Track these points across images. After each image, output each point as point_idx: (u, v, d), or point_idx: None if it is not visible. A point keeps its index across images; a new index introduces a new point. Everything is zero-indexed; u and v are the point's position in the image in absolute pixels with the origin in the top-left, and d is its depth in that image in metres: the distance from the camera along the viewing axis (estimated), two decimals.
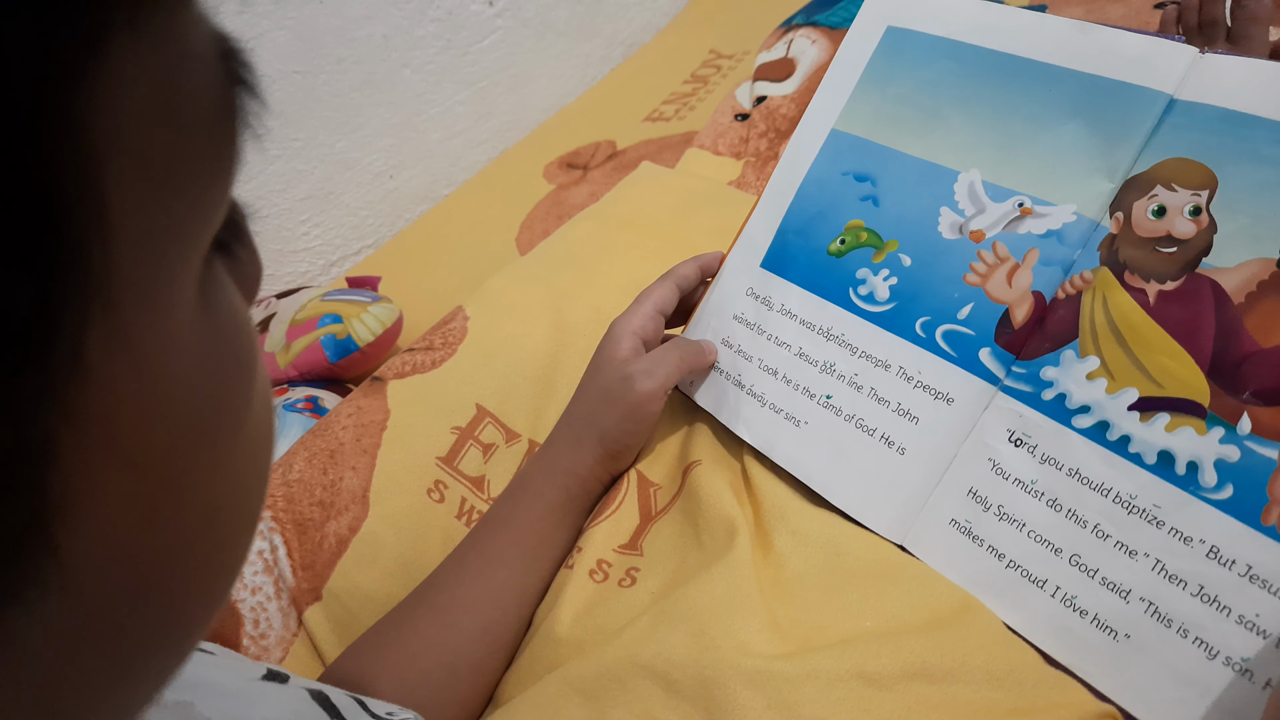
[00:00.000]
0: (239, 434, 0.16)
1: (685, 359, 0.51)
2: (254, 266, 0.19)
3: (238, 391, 0.15)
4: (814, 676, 0.38)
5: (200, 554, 0.15)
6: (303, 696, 0.31)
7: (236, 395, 0.15)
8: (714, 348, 0.53)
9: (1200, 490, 0.37)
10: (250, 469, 0.16)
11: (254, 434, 0.16)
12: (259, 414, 0.17)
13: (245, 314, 0.17)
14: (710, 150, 0.88)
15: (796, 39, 0.92)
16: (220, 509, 0.15)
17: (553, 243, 0.75)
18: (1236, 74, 0.39)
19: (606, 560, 0.48)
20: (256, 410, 0.16)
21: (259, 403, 0.17)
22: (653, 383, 0.49)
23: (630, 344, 0.51)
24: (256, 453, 0.17)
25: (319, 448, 0.58)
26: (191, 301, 0.14)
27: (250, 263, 0.18)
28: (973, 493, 0.43)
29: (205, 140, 0.14)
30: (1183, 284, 0.39)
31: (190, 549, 0.15)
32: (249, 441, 0.16)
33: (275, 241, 1.08)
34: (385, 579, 0.53)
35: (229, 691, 0.29)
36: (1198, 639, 0.36)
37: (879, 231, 0.49)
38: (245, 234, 0.18)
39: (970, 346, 0.44)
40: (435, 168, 1.21)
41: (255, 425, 0.16)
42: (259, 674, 0.31)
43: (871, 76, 0.51)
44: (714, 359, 0.53)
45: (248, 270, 0.18)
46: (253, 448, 0.16)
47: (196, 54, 0.14)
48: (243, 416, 0.16)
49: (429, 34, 1.14)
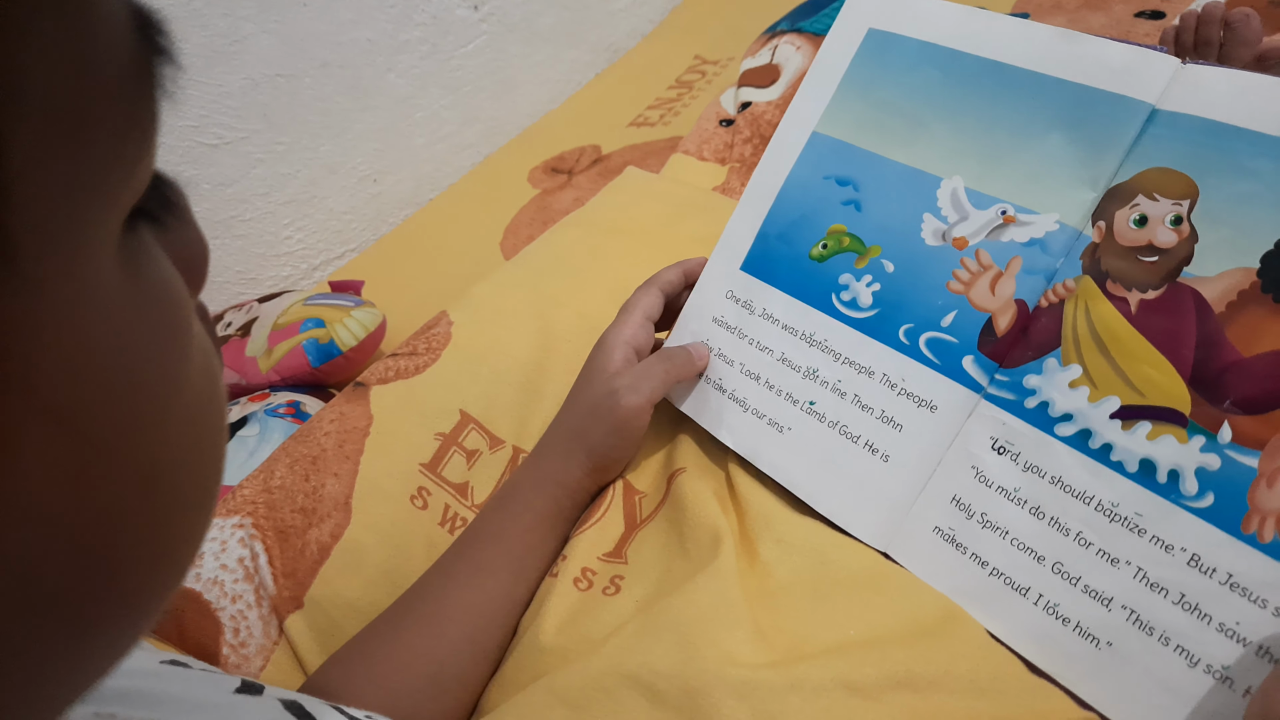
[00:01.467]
0: (173, 402, 0.16)
1: (672, 370, 0.51)
2: (196, 246, 0.19)
3: (169, 358, 0.16)
4: (799, 686, 0.38)
5: (139, 523, 0.15)
6: (276, 707, 0.30)
7: (168, 361, 0.15)
8: (705, 353, 0.52)
9: (1181, 498, 0.37)
10: (190, 441, 0.16)
11: (192, 405, 0.16)
12: (197, 386, 0.17)
13: (178, 286, 0.17)
14: (695, 156, 0.88)
15: (781, 45, 0.92)
16: (157, 478, 0.15)
17: (538, 248, 0.75)
18: (1218, 85, 0.40)
19: (591, 568, 0.48)
20: (194, 382, 0.16)
21: (197, 376, 0.17)
22: (638, 398, 0.49)
23: (622, 354, 0.51)
24: (197, 425, 0.17)
25: (301, 454, 0.57)
26: (113, 261, 0.14)
27: (191, 242, 0.19)
28: (956, 500, 0.43)
29: (117, 96, 0.14)
30: (1164, 293, 0.39)
31: (126, 517, 0.15)
32: (186, 411, 0.16)
33: (258, 245, 1.07)
34: (368, 587, 0.52)
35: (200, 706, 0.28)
36: (1179, 647, 0.36)
37: (861, 237, 0.49)
38: (182, 210, 0.18)
39: (953, 354, 0.44)
40: (420, 172, 1.21)
41: (193, 396, 0.16)
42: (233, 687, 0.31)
43: (853, 79, 0.51)
44: (704, 365, 0.52)
45: (189, 249, 0.18)
46: (191, 419, 0.16)
47: (106, 13, 0.14)
48: (177, 384, 0.16)
49: (414, 38, 1.14)
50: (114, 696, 0.26)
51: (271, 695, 0.31)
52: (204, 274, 0.19)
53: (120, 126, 0.14)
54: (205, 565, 0.52)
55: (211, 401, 0.17)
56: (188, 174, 0.98)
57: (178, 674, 0.30)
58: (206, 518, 0.18)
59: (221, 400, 0.18)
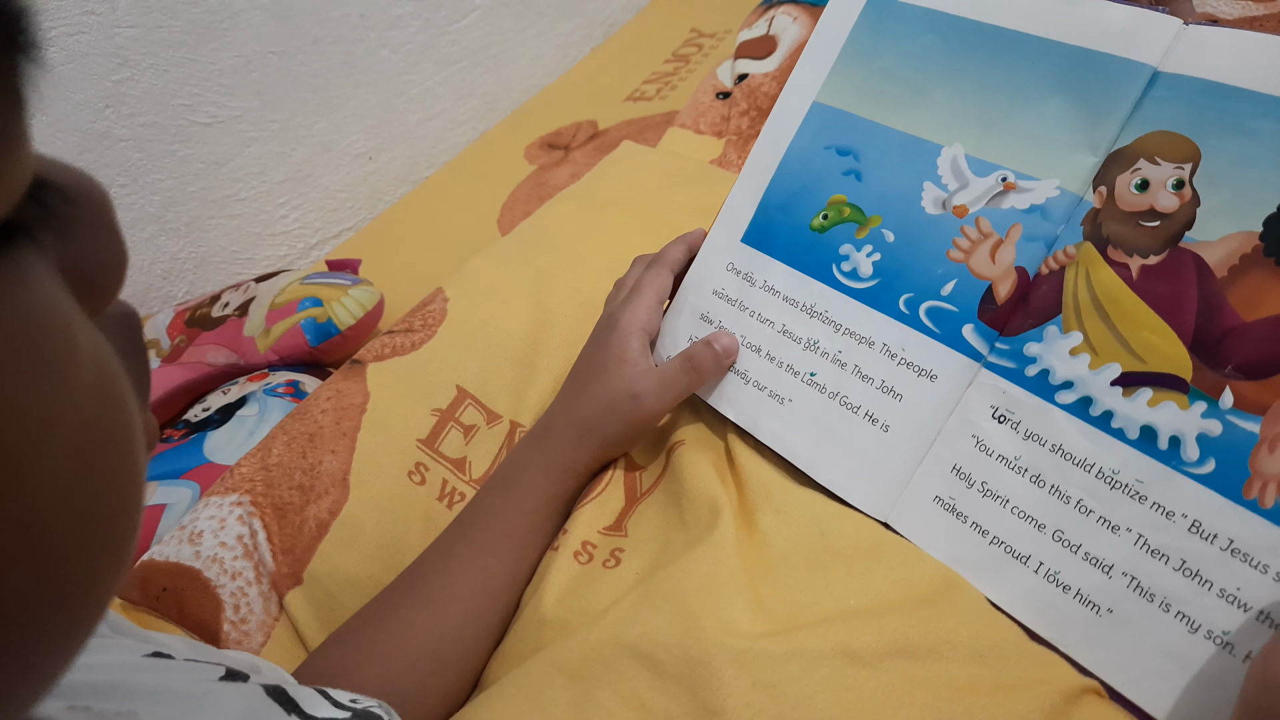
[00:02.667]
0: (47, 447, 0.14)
1: (696, 382, 0.49)
2: (104, 255, 0.17)
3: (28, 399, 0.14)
4: (798, 655, 0.38)
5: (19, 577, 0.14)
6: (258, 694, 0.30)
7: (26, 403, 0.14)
8: (732, 350, 0.50)
9: (1182, 465, 0.37)
10: (67, 483, 0.14)
11: (72, 444, 0.14)
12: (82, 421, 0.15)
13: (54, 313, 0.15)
14: (692, 129, 0.87)
15: (778, 16, 0.91)
16: (30, 532, 0.14)
17: (533, 223, 0.75)
18: (1221, 45, 0.39)
19: (591, 542, 0.48)
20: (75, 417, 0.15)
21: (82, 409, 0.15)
22: (660, 405, 0.49)
23: (639, 343, 0.51)
24: (83, 464, 0.15)
25: (298, 431, 0.57)
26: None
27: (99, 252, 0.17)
28: (956, 469, 0.43)
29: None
30: (1165, 258, 0.39)
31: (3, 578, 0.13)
32: (65, 456, 0.14)
33: (254, 225, 1.07)
34: (366, 562, 0.52)
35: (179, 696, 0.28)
36: (1180, 613, 0.36)
37: (862, 207, 0.48)
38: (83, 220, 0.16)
39: (953, 323, 0.44)
40: (415, 149, 1.20)
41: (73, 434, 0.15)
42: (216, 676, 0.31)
43: (854, 49, 0.50)
44: (730, 363, 0.50)
45: (95, 259, 0.17)
46: (73, 458, 0.14)
47: None
48: (43, 426, 0.14)
49: (407, 13, 1.12)
50: (90, 690, 0.26)
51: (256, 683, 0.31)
52: (114, 286, 0.18)
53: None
54: (205, 543, 0.52)
55: (107, 434, 0.16)
56: (181, 153, 0.97)
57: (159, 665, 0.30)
58: (114, 567, 0.16)
59: (126, 428, 0.16)
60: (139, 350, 0.19)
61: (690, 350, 0.50)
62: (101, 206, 0.18)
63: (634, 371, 0.50)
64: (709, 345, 0.50)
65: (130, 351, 0.19)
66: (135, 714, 0.24)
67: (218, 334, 0.84)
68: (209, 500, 0.54)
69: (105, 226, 0.17)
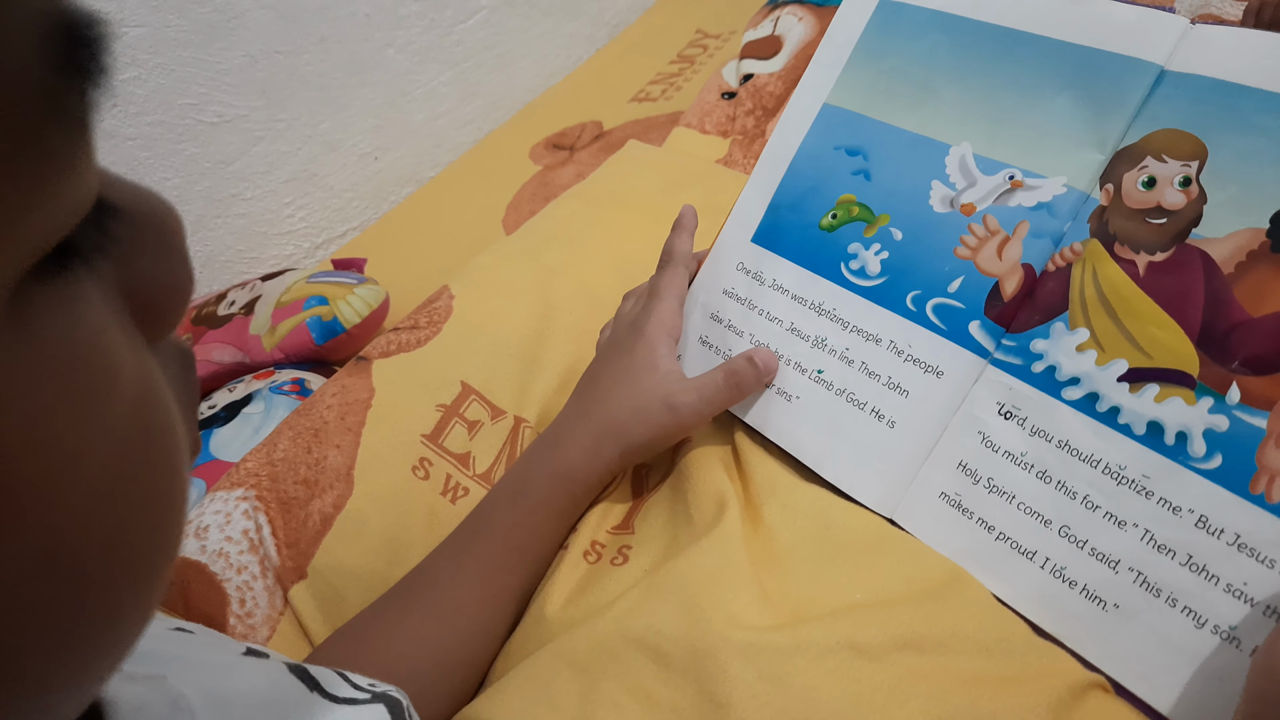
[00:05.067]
0: (75, 474, 0.14)
1: (736, 396, 0.47)
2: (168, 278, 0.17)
3: (63, 428, 0.13)
4: (804, 648, 0.38)
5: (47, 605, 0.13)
6: (280, 669, 0.30)
7: (61, 432, 0.13)
8: (773, 366, 0.48)
9: (1189, 460, 0.37)
10: (104, 512, 0.14)
11: (106, 472, 0.14)
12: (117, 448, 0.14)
13: (101, 338, 0.14)
14: (697, 129, 0.87)
15: (783, 16, 0.91)
16: (62, 558, 0.14)
17: (539, 221, 0.75)
18: (1226, 43, 0.39)
19: (600, 541, 0.48)
20: (111, 446, 0.14)
21: (120, 436, 0.14)
22: (699, 419, 0.47)
23: (667, 349, 0.49)
24: (117, 492, 0.14)
25: (303, 426, 0.57)
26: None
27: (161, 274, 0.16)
28: (962, 465, 0.43)
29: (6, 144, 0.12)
30: (1172, 255, 0.39)
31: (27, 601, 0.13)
32: (95, 483, 0.14)
33: (259, 224, 1.07)
34: (369, 556, 0.52)
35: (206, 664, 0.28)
36: (1186, 608, 0.36)
37: (870, 206, 0.48)
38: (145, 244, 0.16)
39: (960, 319, 0.44)
40: (420, 149, 1.20)
41: (107, 462, 0.14)
42: (239, 651, 0.31)
43: (864, 50, 0.51)
44: (770, 380, 0.49)
45: (153, 285, 0.16)
46: (97, 488, 0.14)
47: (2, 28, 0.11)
48: (68, 453, 0.13)
49: (413, 13, 1.13)
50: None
51: (277, 659, 0.32)
52: (177, 309, 0.17)
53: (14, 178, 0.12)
54: (210, 537, 0.52)
55: (144, 462, 0.15)
56: (188, 152, 0.98)
57: (184, 638, 0.30)
58: (149, 591, 0.16)
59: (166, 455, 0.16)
60: (192, 387, 0.19)
61: (733, 365, 0.48)
62: (168, 229, 0.17)
63: (667, 379, 0.48)
64: (751, 362, 0.47)
65: (182, 384, 0.18)
66: (165, 677, 0.25)
67: (224, 332, 0.84)
68: (215, 495, 0.55)
69: (170, 250, 0.17)
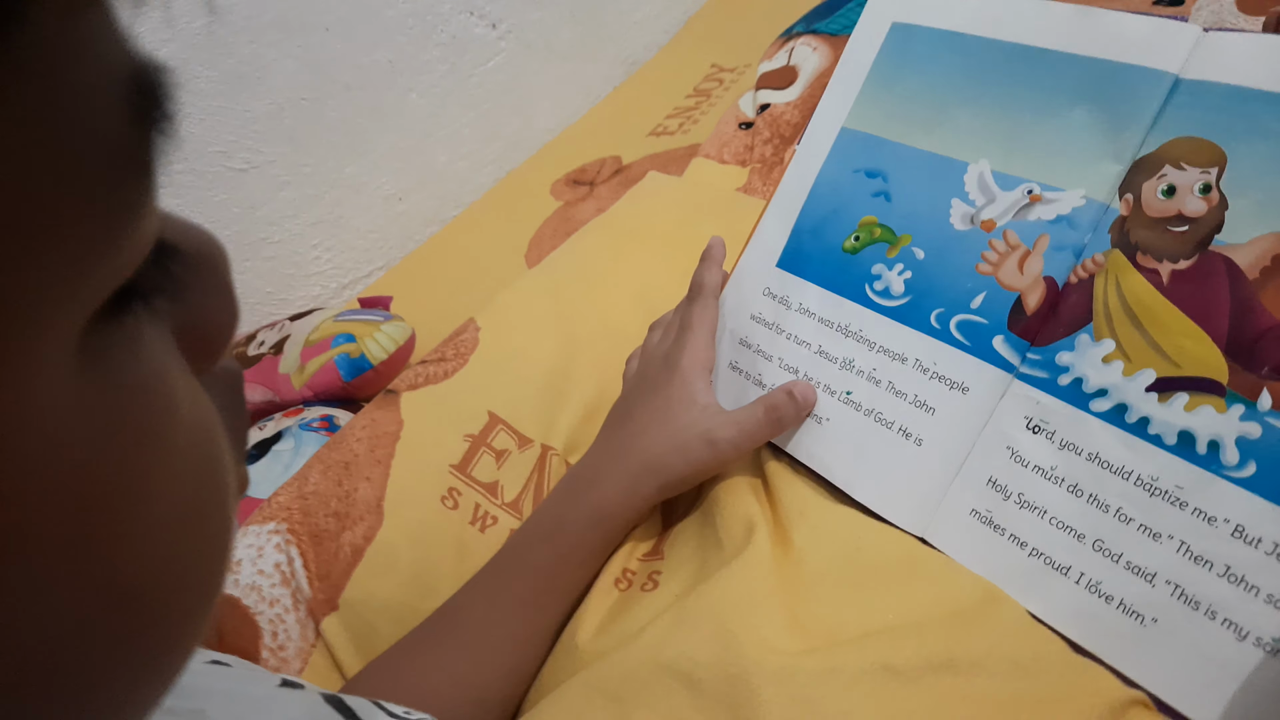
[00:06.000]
0: (146, 512, 0.14)
1: (777, 431, 0.47)
2: (218, 315, 0.17)
3: (124, 475, 0.13)
4: (838, 671, 0.37)
5: (111, 640, 0.14)
6: (317, 700, 0.30)
7: (131, 473, 0.13)
8: (811, 400, 0.48)
9: (1222, 469, 0.37)
10: (167, 547, 0.14)
11: (171, 511, 0.14)
12: (180, 488, 0.15)
13: (163, 378, 0.14)
14: (716, 159, 0.88)
15: (798, 47, 0.93)
16: (123, 597, 0.14)
17: (561, 254, 0.76)
18: (1241, 50, 0.39)
19: (631, 569, 0.48)
20: (174, 486, 0.14)
21: (180, 476, 0.15)
22: (738, 453, 0.47)
23: (704, 383, 0.49)
24: (176, 530, 0.15)
25: (333, 460, 0.58)
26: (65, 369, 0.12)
27: (209, 313, 0.17)
28: (992, 482, 0.43)
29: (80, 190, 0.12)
30: (1196, 262, 0.39)
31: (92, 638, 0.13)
32: (160, 519, 0.14)
33: (287, 266, 1.09)
34: (400, 587, 0.52)
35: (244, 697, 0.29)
36: (1226, 620, 0.35)
37: (892, 227, 0.49)
38: (199, 282, 0.16)
39: (984, 335, 0.44)
40: (443, 190, 1.22)
41: (172, 502, 0.14)
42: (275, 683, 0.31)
43: (879, 74, 0.51)
44: (809, 413, 0.48)
45: (203, 322, 0.17)
46: (168, 526, 0.14)
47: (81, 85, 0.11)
48: (143, 495, 0.14)
49: (434, 58, 1.15)
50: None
51: (313, 690, 0.32)
52: (225, 344, 0.18)
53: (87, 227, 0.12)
54: (243, 571, 0.53)
55: (203, 497, 0.16)
56: (218, 198, 1.00)
57: (221, 671, 0.31)
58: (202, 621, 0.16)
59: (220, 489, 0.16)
60: (240, 407, 0.19)
61: (772, 400, 0.47)
62: (219, 267, 0.17)
63: (706, 414, 0.48)
64: (791, 396, 0.47)
65: (231, 408, 0.18)
66: (204, 712, 0.25)
67: (253, 372, 0.86)
68: (247, 529, 0.55)
69: (221, 288, 0.17)
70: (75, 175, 0.11)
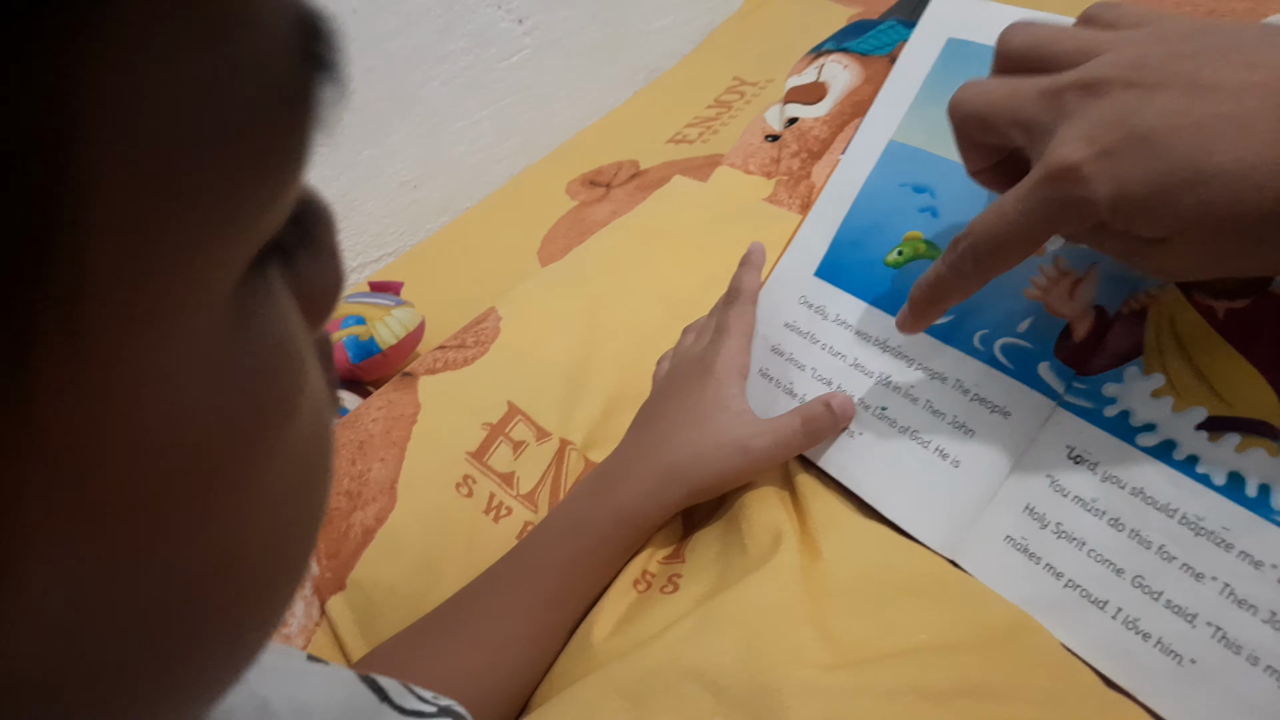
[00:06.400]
0: (259, 482, 0.13)
1: (810, 443, 0.46)
2: (328, 278, 0.16)
3: (260, 436, 0.13)
4: (870, 689, 0.36)
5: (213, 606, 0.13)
6: (351, 678, 0.29)
7: (257, 440, 0.13)
8: (849, 412, 0.47)
9: (1272, 513, 0.36)
10: (275, 515, 0.14)
11: (286, 483, 0.14)
12: (297, 459, 0.14)
13: (297, 341, 0.14)
14: (741, 169, 0.87)
15: (828, 64, 0.92)
16: (233, 562, 0.13)
17: (586, 250, 0.75)
18: None
19: (650, 571, 0.47)
20: (293, 456, 0.14)
21: (299, 446, 0.14)
22: (772, 462, 0.46)
23: (738, 388, 0.48)
24: (291, 504, 0.14)
25: (348, 439, 0.56)
26: (218, 324, 0.12)
27: (322, 274, 0.16)
28: (1029, 509, 0.42)
29: (257, 134, 0.11)
30: (1252, 302, 0.39)
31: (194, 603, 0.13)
32: (278, 484, 0.14)
33: None
34: (408, 570, 0.51)
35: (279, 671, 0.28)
36: (1269, 667, 0.35)
37: (938, 243, 0.48)
38: (320, 241, 0.16)
39: (1029, 360, 0.44)
40: (457, 181, 1.21)
41: (290, 472, 0.14)
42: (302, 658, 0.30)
43: (932, 88, 0.51)
44: (846, 426, 0.47)
45: (317, 283, 0.16)
46: (282, 492, 0.14)
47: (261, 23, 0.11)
48: (265, 463, 0.13)
49: (458, 49, 1.14)
50: None
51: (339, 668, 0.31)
52: (331, 309, 0.17)
53: (256, 169, 0.12)
54: None
55: (315, 467, 0.15)
56: None
57: None
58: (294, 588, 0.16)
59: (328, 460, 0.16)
60: (333, 376, 0.19)
61: (809, 411, 0.46)
62: (331, 227, 0.17)
63: (739, 420, 0.47)
64: (828, 408, 0.46)
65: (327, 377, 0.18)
66: (246, 680, 0.24)
67: None
68: None
69: (331, 249, 0.17)
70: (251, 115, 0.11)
